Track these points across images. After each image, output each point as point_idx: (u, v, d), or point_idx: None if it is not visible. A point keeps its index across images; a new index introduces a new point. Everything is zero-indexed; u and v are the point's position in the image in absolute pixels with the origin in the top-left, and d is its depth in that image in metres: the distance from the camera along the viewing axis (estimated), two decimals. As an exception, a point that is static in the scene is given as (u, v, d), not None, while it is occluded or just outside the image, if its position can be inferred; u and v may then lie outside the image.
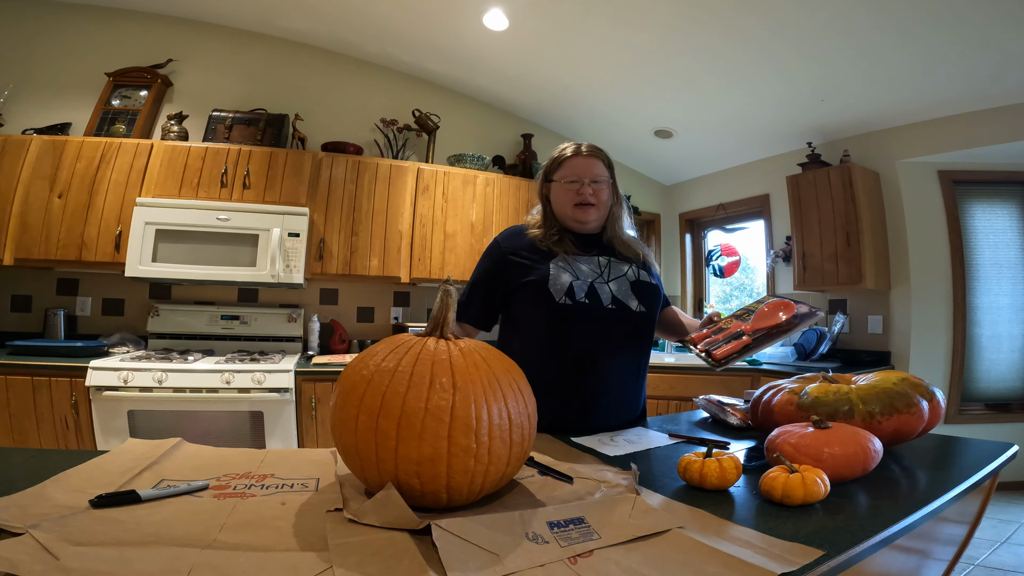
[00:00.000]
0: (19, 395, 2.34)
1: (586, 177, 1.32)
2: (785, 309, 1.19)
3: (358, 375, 0.73)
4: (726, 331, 1.22)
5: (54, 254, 2.68)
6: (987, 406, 3.26)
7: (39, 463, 0.83)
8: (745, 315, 1.25)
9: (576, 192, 1.31)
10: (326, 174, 3.13)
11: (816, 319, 1.20)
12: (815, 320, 1.21)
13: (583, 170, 1.32)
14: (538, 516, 0.66)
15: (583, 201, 1.31)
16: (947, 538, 1.05)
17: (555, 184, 1.36)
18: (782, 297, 1.25)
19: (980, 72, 2.64)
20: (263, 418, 2.57)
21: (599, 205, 1.33)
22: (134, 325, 3.09)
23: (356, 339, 3.44)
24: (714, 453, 0.82)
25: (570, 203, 1.32)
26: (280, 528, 0.64)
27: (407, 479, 0.68)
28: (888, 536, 0.66)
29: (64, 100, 3.02)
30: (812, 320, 1.20)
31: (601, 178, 1.33)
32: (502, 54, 3.32)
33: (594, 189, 1.32)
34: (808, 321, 1.19)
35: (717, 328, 1.26)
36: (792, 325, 1.18)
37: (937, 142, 3.12)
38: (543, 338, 1.26)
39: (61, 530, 0.58)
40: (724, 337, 1.20)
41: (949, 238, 3.26)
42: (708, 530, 0.66)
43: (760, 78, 3.06)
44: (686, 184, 4.57)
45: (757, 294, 4.47)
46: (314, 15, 3.18)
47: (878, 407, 0.98)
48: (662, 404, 3.16)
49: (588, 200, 1.31)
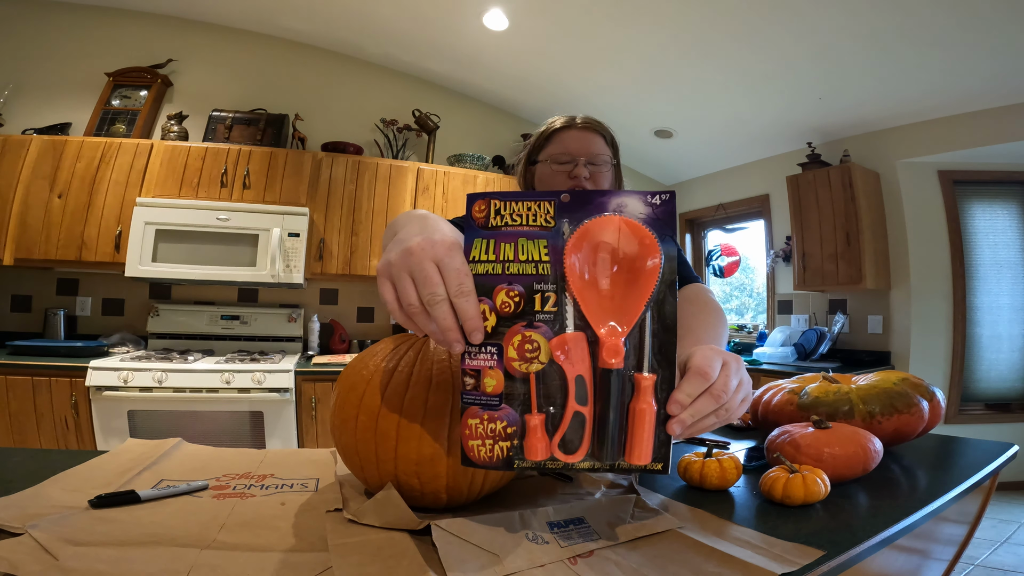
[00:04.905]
0: (19, 395, 2.34)
1: (581, 156, 1.01)
2: (631, 250, 0.52)
3: (358, 375, 0.73)
4: (554, 395, 0.52)
5: (54, 254, 2.68)
6: (987, 406, 3.26)
7: (39, 463, 0.83)
8: (547, 302, 0.52)
9: (568, 175, 1.00)
10: (326, 174, 3.13)
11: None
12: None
13: (577, 146, 1.02)
14: (538, 516, 0.66)
15: (577, 186, 0.98)
16: (947, 538, 1.05)
17: (541, 166, 1.05)
18: (577, 195, 0.54)
19: (987, 70, 2.64)
20: (263, 418, 2.57)
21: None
22: (134, 325, 3.09)
23: (356, 339, 3.44)
24: (714, 453, 0.82)
25: (560, 188, 1.00)
26: (280, 528, 0.63)
27: (407, 479, 0.68)
28: (888, 536, 0.66)
29: (64, 100, 3.02)
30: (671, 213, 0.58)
31: (601, 158, 1.03)
32: (502, 54, 3.32)
33: (591, 172, 1.01)
34: (670, 221, 0.57)
35: (507, 391, 0.53)
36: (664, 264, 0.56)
37: (937, 142, 3.12)
38: None
39: (60, 530, 0.58)
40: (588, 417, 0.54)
41: (949, 238, 3.26)
42: (708, 530, 0.66)
43: (764, 78, 3.06)
44: (686, 184, 4.57)
45: (757, 294, 4.47)
46: (314, 15, 3.18)
47: (878, 407, 0.98)
48: (662, 404, 3.15)
49: (583, 185, 0.99)
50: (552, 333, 0.50)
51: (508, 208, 0.51)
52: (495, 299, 0.50)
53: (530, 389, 0.51)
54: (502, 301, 0.50)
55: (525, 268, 0.51)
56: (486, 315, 0.50)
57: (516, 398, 0.52)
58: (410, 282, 0.49)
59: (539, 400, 0.51)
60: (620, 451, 0.53)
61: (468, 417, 0.53)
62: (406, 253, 0.50)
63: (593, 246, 0.51)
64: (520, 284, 0.50)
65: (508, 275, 0.51)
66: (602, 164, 1.02)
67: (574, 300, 0.50)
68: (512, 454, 0.53)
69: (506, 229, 0.51)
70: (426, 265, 0.48)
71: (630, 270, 0.51)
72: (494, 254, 0.50)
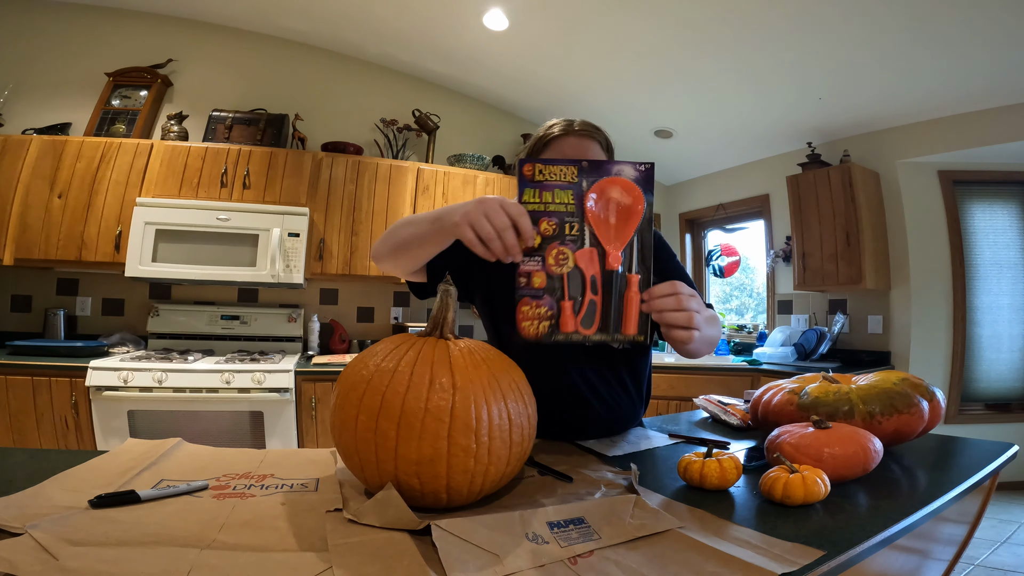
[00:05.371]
0: (19, 395, 2.34)
1: None
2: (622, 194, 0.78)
3: (358, 375, 0.73)
4: (576, 286, 0.79)
5: (54, 254, 2.68)
6: (987, 406, 3.26)
7: (39, 463, 0.83)
8: (572, 229, 0.78)
9: None
10: (326, 174, 3.13)
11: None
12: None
13: (574, 154, 1.08)
14: (538, 516, 0.66)
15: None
16: (947, 538, 1.05)
17: None
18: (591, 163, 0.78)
19: (987, 70, 2.63)
20: (263, 418, 2.57)
21: None
22: (134, 325, 3.09)
23: (356, 339, 3.44)
24: (714, 453, 0.82)
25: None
26: (280, 528, 0.63)
27: (407, 479, 0.68)
28: (888, 536, 0.66)
29: (64, 100, 3.02)
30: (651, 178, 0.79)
31: None
32: (502, 54, 3.32)
33: None
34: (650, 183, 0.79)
35: (549, 284, 0.79)
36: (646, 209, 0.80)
37: (937, 142, 3.12)
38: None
39: (60, 530, 0.58)
40: (597, 300, 0.80)
41: (949, 238, 3.26)
42: (708, 530, 0.66)
43: (764, 78, 3.06)
44: (686, 184, 4.57)
45: (757, 294, 4.47)
46: (314, 15, 3.18)
47: (878, 407, 0.98)
48: (662, 404, 3.16)
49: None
50: (575, 248, 0.78)
51: (547, 170, 0.76)
52: (539, 226, 0.77)
53: (563, 285, 0.78)
54: (543, 227, 0.77)
55: (558, 208, 0.77)
56: (537, 237, 0.76)
57: (553, 291, 0.78)
58: (485, 220, 0.73)
59: (569, 292, 0.78)
60: (618, 326, 0.80)
61: (522, 305, 0.78)
62: (479, 203, 0.74)
63: (602, 195, 0.78)
64: (555, 217, 0.77)
65: (547, 211, 0.77)
66: None
67: (590, 228, 0.78)
68: (551, 330, 0.79)
69: (545, 183, 0.76)
70: (496, 205, 0.73)
71: (624, 210, 0.78)
72: (538, 199, 0.76)
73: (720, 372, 3.21)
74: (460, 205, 0.78)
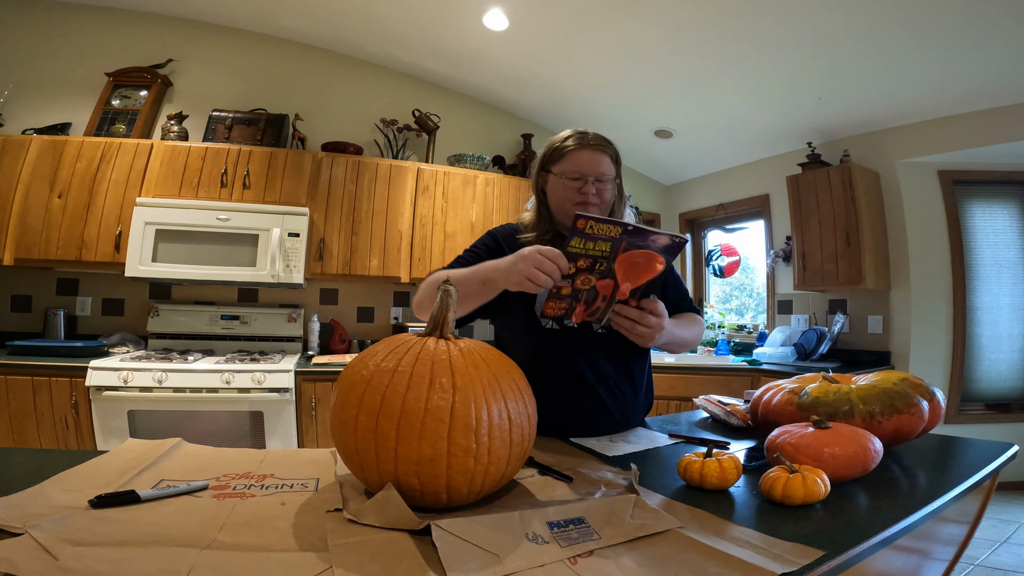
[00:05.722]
0: (19, 395, 2.34)
1: (591, 175, 1.18)
2: (646, 259, 0.97)
3: (358, 375, 0.73)
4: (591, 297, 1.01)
5: (54, 254, 2.68)
6: (987, 406, 3.26)
7: (39, 463, 0.83)
8: (601, 266, 0.97)
9: (578, 191, 1.18)
10: (326, 174, 3.13)
11: (682, 242, 0.99)
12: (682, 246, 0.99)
13: (588, 166, 1.18)
14: (538, 516, 0.66)
15: (585, 201, 1.17)
16: (947, 538, 1.05)
17: (553, 177, 1.22)
18: (635, 228, 0.94)
19: (987, 70, 2.63)
20: (263, 418, 2.57)
21: (601, 205, 1.20)
22: (134, 325, 3.09)
23: (356, 339, 3.44)
24: (714, 453, 0.82)
25: (570, 202, 1.19)
26: (280, 528, 0.63)
27: (407, 479, 0.68)
28: (888, 536, 0.66)
29: (64, 100, 3.02)
30: (680, 250, 0.99)
31: (607, 176, 1.19)
32: (502, 54, 3.32)
33: (598, 188, 1.18)
34: (677, 253, 0.99)
35: (573, 293, 1.00)
36: (662, 271, 0.99)
37: (937, 142, 3.12)
38: (528, 359, 1.08)
39: (60, 530, 0.58)
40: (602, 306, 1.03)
41: (949, 238, 3.26)
42: (708, 530, 0.66)
43: (764, 78, 3.06)
44: (686, 184, 4.57)
45: (757, 294, 4.47)
46: (314, 15, 3.18)
47: (878, 407, 0.98)
48: (662, 404, 3.16)
49: (590, 201, 1.18)
50: (599, 279, 0.98)
51: (597, 226, 0.91)
52: (576, 262, 0.95)
53: (581, 296, 1.01)
54: (580, 263, 0.95)
55: (595, 253, 0.95)
56: (572, 268, 0.95)
57: (575, 298, 1.01)
58: (540, 272, 0.91)
59: (583, 299, 1.01)
60: (606, 321, 1.08)
61: (549, 300, 1.00)
62: (523, 260, 0.94)
63: (632, 256, 0.97)
64: (591, 259, 0.95)
65: (587, 254, 0.94)
66: (607, 182, 1.22)
67: (613, 270, 0.98)
68: (564, 316, 1.05)
69: (592, 235, 0.92)
70: (539, 259, 0.92)
71: (645, 267, 0.98)
72: (582, 246, 0.93)
73: (720, 372, 3.21)
74: (505, 264, 0.97)
